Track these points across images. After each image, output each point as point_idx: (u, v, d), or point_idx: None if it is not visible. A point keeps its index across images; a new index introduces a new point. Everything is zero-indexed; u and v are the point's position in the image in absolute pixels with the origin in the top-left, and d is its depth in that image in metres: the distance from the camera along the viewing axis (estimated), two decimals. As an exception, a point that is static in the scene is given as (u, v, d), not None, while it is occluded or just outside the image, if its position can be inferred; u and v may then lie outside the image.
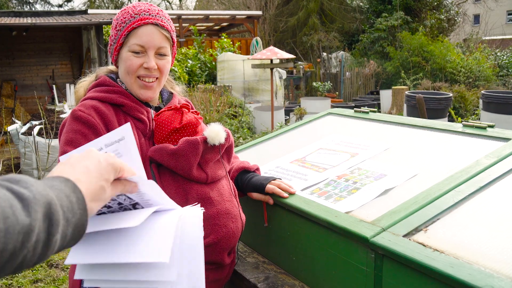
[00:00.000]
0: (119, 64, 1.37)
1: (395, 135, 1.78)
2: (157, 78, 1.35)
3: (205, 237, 1.27)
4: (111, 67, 1.46)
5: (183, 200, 1.27)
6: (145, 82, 1.33)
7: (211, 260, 1.32)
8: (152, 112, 1.39)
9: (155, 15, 1.32)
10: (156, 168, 1.30)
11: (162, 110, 1.38)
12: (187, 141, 1.29)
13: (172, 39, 1.38)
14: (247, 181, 1.52)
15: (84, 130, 1.23)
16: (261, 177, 1.52)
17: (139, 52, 1.30)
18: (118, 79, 1.39)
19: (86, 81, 1.45)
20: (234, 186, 1.47)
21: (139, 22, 1.29)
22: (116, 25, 1.35)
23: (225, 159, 1.43)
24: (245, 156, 1.96)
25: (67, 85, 8.38)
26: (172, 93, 1.52)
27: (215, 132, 1.33)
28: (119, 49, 1.34)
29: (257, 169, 1.58)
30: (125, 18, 1.32)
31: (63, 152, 1.21)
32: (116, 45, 1.34)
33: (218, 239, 1.30)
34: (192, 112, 1.41)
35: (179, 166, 1.27)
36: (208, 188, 1.32)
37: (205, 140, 1.32)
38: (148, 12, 1.32)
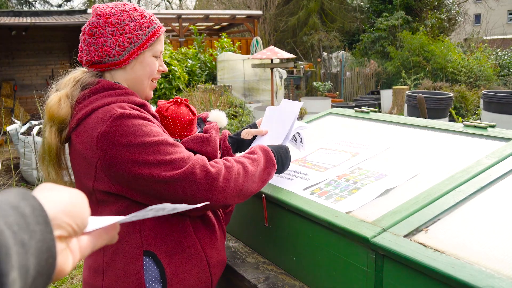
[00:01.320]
0: (134, 65, 1.31)
1: (395, 135, 1.78)
2: None
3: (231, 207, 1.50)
4: (83, 70, 1.33)
5: None
6: (154, 84, 1.41)
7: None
8: None
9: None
10: None
11: (167, 105, 1.52)
12: (214, 128, 1.47)
13: None
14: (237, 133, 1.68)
15: (151, 120, 1.22)
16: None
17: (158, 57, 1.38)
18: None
19: (56, 95, 1.25)
20: None
21: (161, 29, 1.35)
22: (136, 27, 1.28)
23: None
24: (245, 156, 1.96)
25: (67, 84, 8.35)
26: None
27: (220, 117, 1.58)
28: (139, 51, 1.29)
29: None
30: (146, 22, 1.31)
31: (162, 152, 1.14)
32: (139, 47, 1.29)
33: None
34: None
35: (211, 151, 1.40)
36: None
37: None
38: (156, 18, 1.38)
